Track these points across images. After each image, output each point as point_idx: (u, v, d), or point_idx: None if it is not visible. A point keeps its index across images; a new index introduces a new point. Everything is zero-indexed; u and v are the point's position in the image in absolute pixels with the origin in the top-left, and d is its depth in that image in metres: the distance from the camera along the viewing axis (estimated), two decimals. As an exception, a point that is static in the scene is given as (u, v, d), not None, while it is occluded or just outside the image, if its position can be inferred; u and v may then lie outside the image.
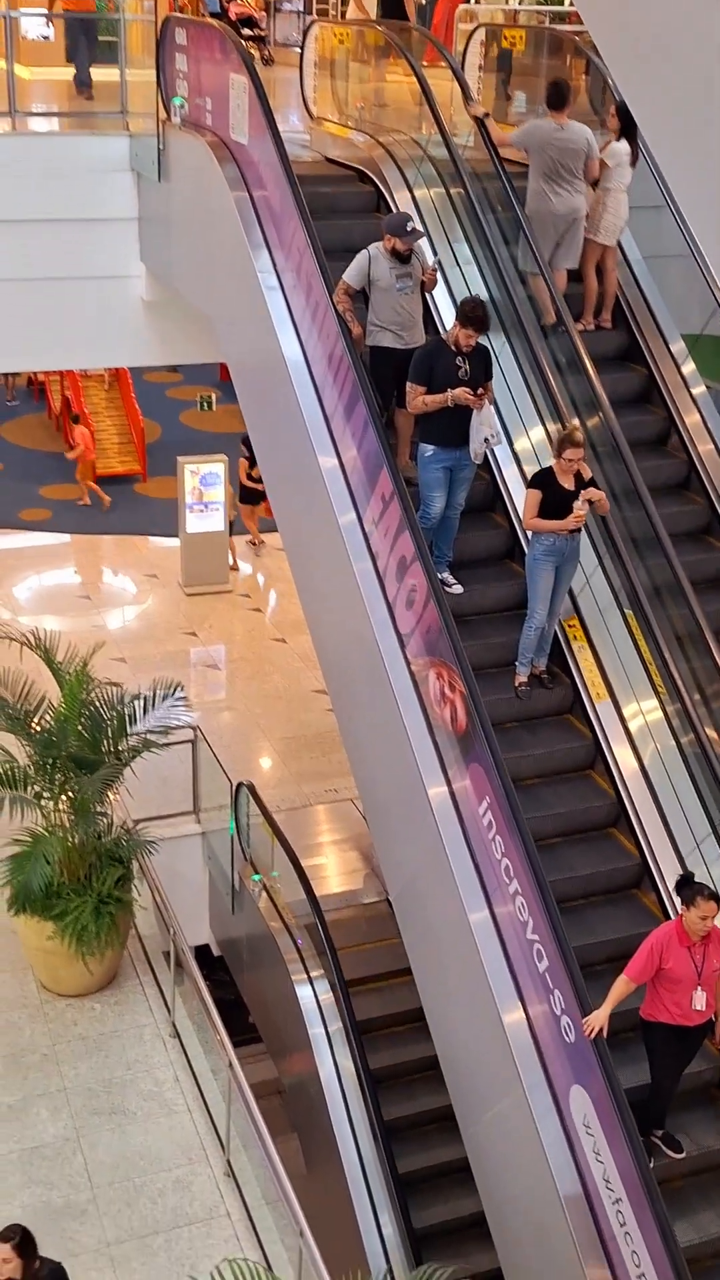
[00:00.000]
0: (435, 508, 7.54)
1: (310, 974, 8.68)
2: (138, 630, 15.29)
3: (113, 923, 9.12)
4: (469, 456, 7.48)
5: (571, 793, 7.47)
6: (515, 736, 7.50)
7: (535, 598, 7.37)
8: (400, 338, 7.64)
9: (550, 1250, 6.09)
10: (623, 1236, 5.66)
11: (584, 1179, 5.92)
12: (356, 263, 7.58)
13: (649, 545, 7.65)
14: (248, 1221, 7.73)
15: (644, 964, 5.96)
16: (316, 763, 12.49)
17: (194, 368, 22.64)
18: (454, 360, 7.38)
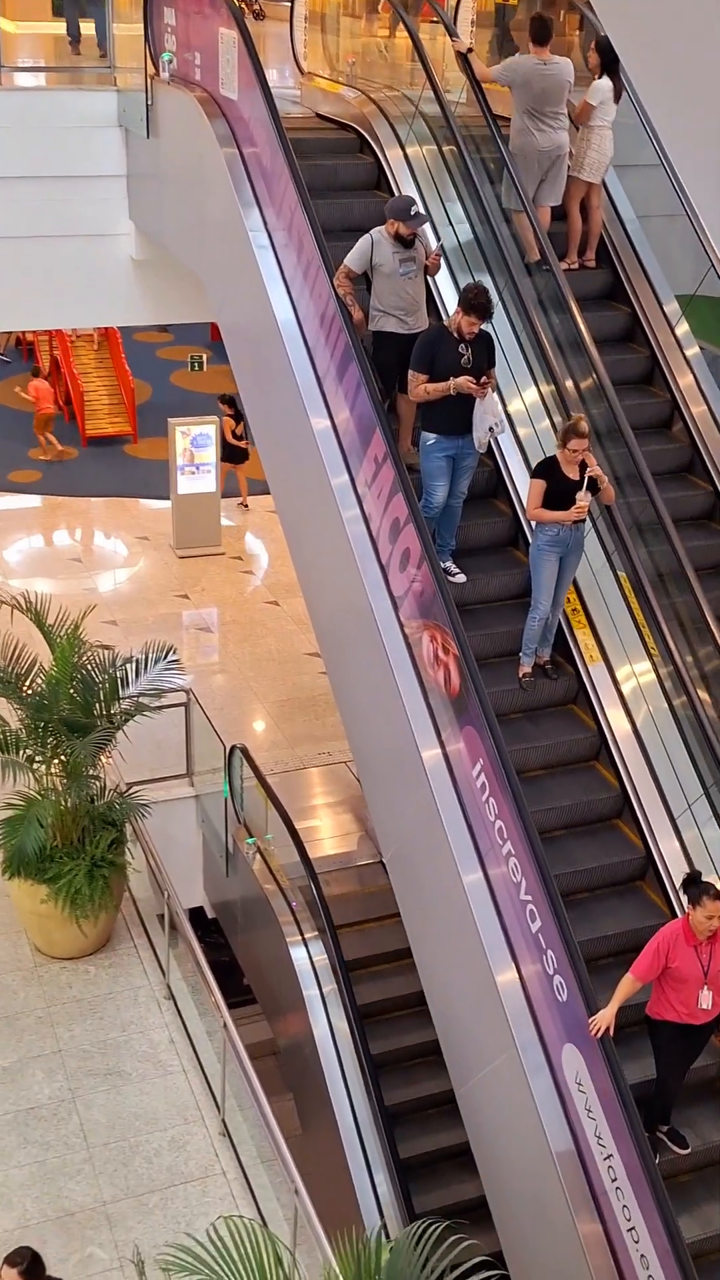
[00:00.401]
0: (438, 497, 7.41)
1: (304, 936, 8.72)
2: (129, 593, 15.24)
3: (106, 886, 9.14)
4: (472, 445, 7.34)
5: (576, 784, 7.38)
6: (519, 728, 7.40)
7: (539, 588, 7.26)
8: (404, 323, 7.49)
9: (543, 1205, 6.17)
10: (614, 1191, 5.73)
11: (576, 1135, 5.98)
12: (359, 247, 7.41)
13: (651, 529, 7.64)
14: (243, 1180, 7.80)
15: (650, 962, 5.91)
16: (310, 725, 12.50)
17: (185, 327, 22.47)
18: (456, 348, 7.22)
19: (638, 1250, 5.59)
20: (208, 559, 15.95)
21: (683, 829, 7.18)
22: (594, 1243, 5.80)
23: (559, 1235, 6.00)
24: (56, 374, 20.87)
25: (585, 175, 8.76)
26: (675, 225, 8.79)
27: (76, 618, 9.46)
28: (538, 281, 8.48)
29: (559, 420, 7.97)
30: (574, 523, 7.12)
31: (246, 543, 16.65)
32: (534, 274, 8.54)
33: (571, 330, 8.13)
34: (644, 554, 7.53)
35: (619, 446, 7.73)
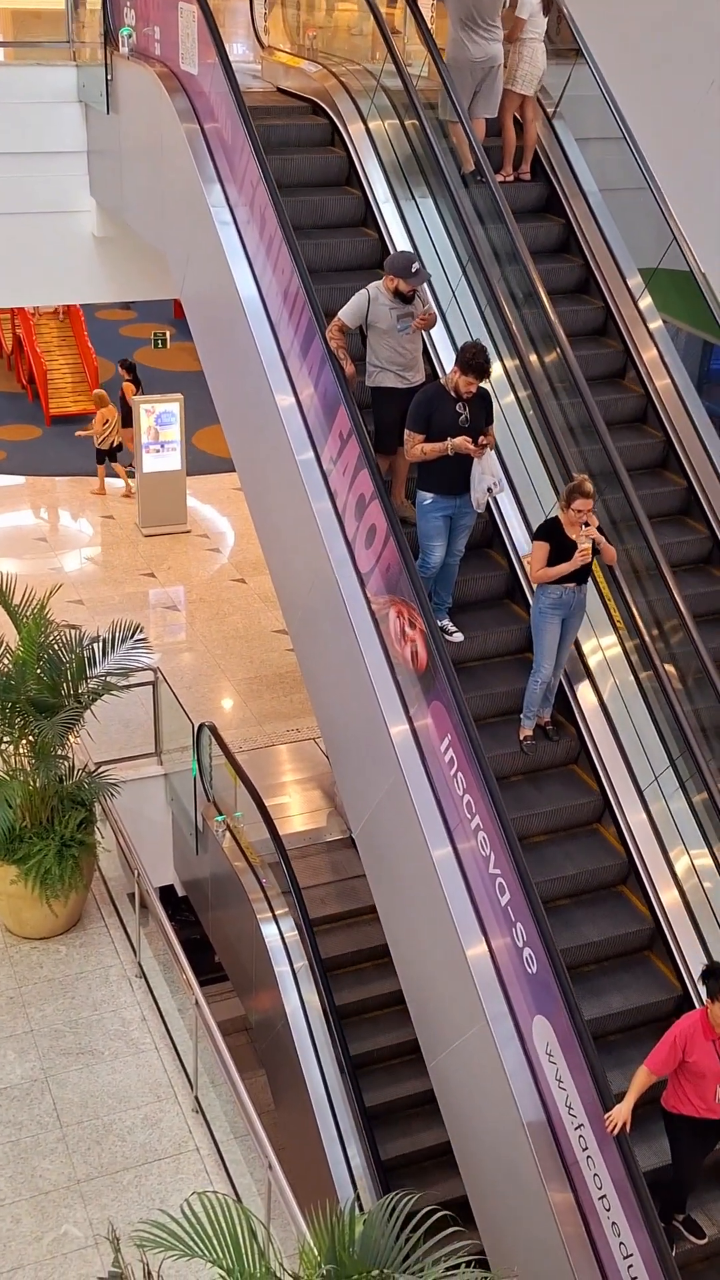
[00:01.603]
0: (435, 557, 7.25)
1: (275, 912, 8.75)
2: (95, 572, 15.17)
3: (76, 865, 9.13)
4: (470, 504, 7.19)
5: (580, 850, 7.23)
6: (521, 792, 7.27)
7: (541, 652, 7.11)
8: (402, 378, 7.37)
9: (515, 1175, 6.23)
10: (585, 1160, 5.80)
11: (546, 1106, 6.04)
12: (354, 302, 7.27)
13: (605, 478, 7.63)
14: (217, 1156, 7.84)
15: (666, 1056, 5.73)
16: (278, 703, 12.50)
17: (148, 304, 22.31)
18: (453, 407, 7.05)
19: (609, 1218, 5.66)
20: (174, 537, 15.89)
21: (689, 894, 7.05)
22: (566, 1211, 5.87)
23: (531, 1204, 6.07)
24: (19, 352, 20.67)
25: (519, 88, 8.91)
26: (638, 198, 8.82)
27: (43, 597, 9.41)
28: (474, 193, 8.49)
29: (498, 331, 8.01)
30: (576, 584, 6.98)
31: (212, 521, 16.59)
32: (469, 185, 8.57)
33: (507, 241, 8.18)
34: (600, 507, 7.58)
35: (573, 397, 7.80)
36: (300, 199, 8.63)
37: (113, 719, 10.22)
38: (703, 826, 7.04)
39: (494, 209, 8.24)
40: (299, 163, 8.95)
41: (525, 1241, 6.29)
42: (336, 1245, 4.95)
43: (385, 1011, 8.64)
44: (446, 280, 8.48)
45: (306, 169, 9.00)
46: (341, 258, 8.72)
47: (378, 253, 8.70)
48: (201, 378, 9.01)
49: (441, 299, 8.50)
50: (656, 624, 7.37)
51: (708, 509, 8.36)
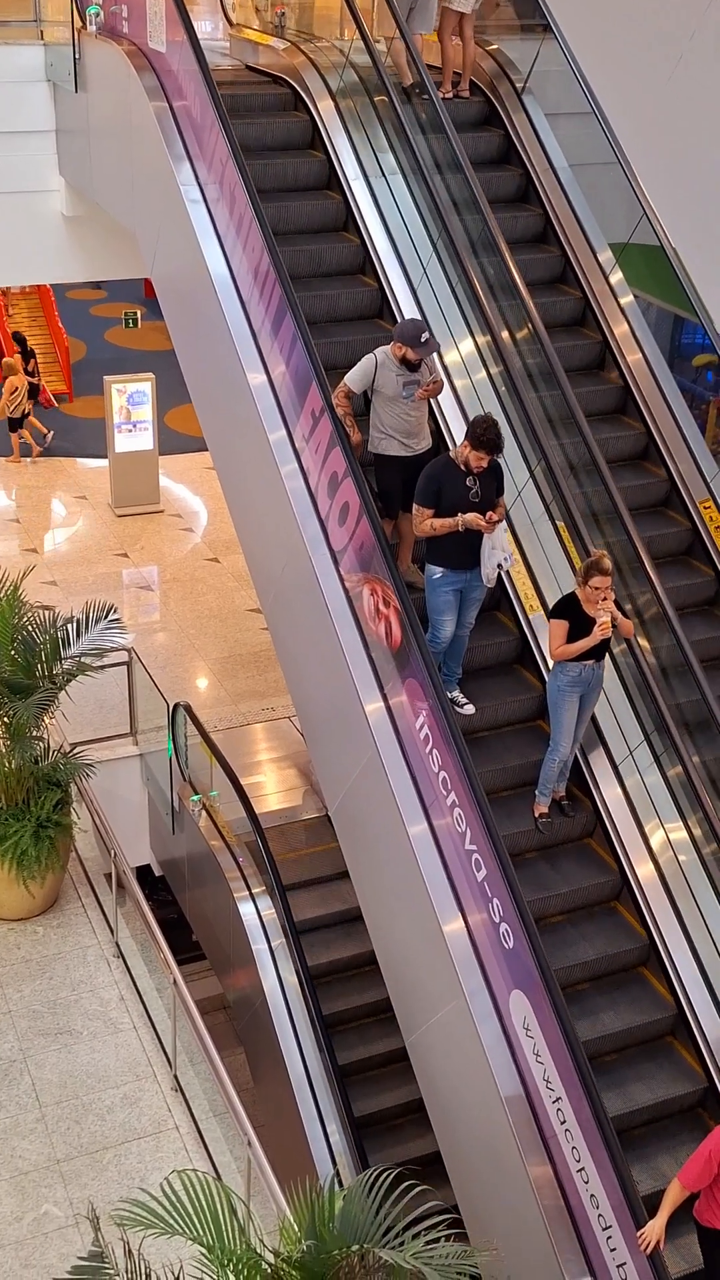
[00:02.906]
0: (445, 632, 7.07)
1: (252, 890, 8.77)
2: (68, 553, 15.09)
3: (52, 846, 9.12)
4: (480, 577, 7.03)
5: (599, 932, 7.01)
6: (537, 871, 7.06)
7: (559, 730, 6.89)
8: (406, 445, 7.24)
9: (493, 1149, 6.28)
10: (563, 1133, 5.84)
11: (525, 1080, 6.09)
12: (361, 367, 7.11)
13: (566, 424, 7.69)
14: (196, 1134, 7.87)
15: (700, 1171, 5.47)
16: (253, 682, 12.49)
17: (118, 284, 22.15)
18: (464, 481, 6.83)
19: (587, 1190, 5.72)
20: (147, 517, 15.82)
21: (713, 976, 6.85)
22: (544, 1184, 5.91)
23: (510, 1178, 6.12)
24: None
25: (456, 5, 9.01)
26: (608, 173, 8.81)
27: (16, 578, 9.36)
28: (416, 108, 8.56)
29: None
30: (595, 660, 6.81)
31: (185, 500, 16.52)
32: (411, 100, 8.66)
33: (451, 154, 8.22)
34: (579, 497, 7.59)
35: (552, 388, 7.76)
36: (278, 204, 8.58)
37: (87, 699, 10.19)
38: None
39: (436, 121, 8.29)
40: (279, 166, 8.90)
41: (505, 1214, 6.34)
42: (317, 1221, 4.99)
43: (363, 977, 8.68)
44: (417, 255, 8.46)
45: (286, 171, 8.95)
46: (304, 220, 8.74)
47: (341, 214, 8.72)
48: (173, 357, 8.96)
49: (413, 275, 8.49)
50: (663, 671, 7.21)
51: (665, 455, 8.39)
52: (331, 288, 8.56)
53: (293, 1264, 5.01)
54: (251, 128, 8.85)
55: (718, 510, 8.23)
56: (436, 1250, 4.73)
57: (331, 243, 8.73)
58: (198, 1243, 5.08)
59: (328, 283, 8.59)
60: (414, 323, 7.25)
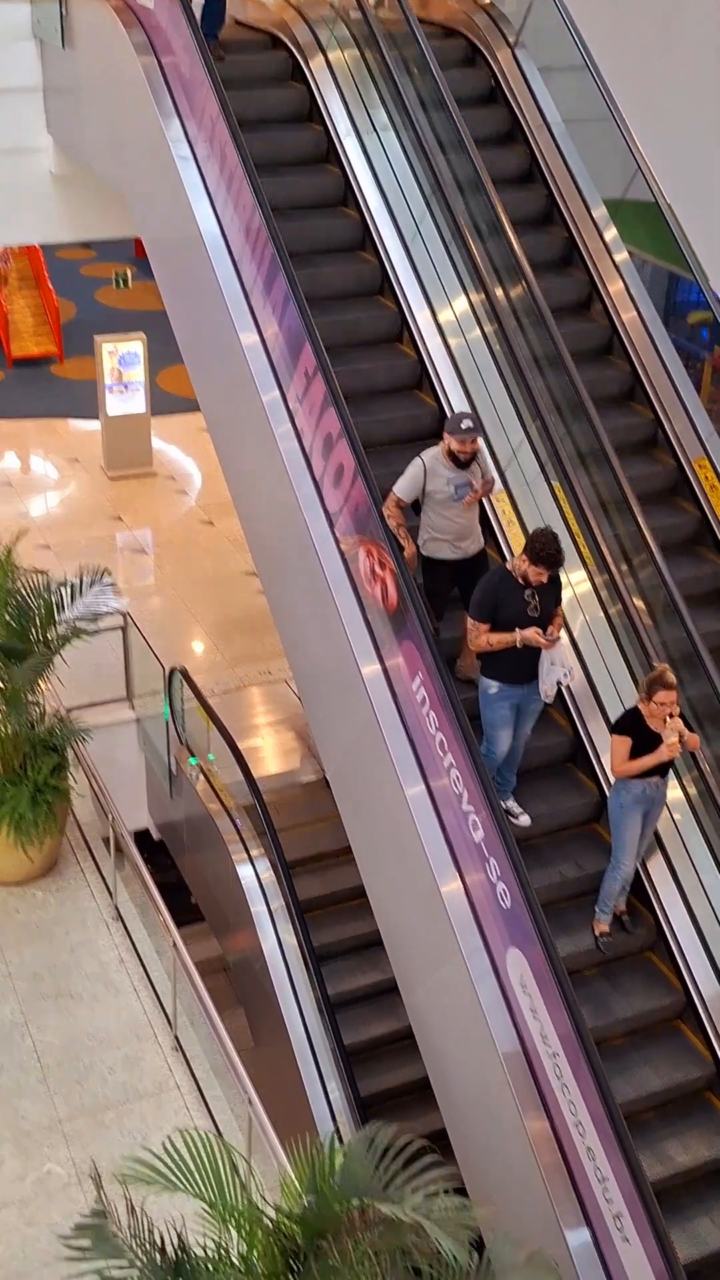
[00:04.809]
0: (501, 748, 6.88)
1: (250, 854, 8.80)
2: (61, 516, 15.03)
3: (50, 811, 9.14)
4: (538, 690, 6.79)
5: (663, 1056, 6.69)
6: (596, 990, 6.80)
7: (621, 848, 6.66)
8: (457, 548, 7.09)
9: (491, 1105, 6.34)
10: (560, 1088, 5.90)
11: (522, 1036, 6.13)
12: (410, 474, 6.93)
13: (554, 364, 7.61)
14: (197, 1094, 7.94)
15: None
16: (249, 645, 12.48)
17: (108, 244, 21.88)
18: (522, 594, 6.60)
19: (584, 1143, 5.77)
20: (140, 480, 15.74)
21: None
22: (542, 1139, 5.97)
23: (508, 1132, 6.18)
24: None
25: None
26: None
27: (9, 542, 9.32)
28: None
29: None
30: (660, 777, 6.56)
31: (179, 462, 16.44)
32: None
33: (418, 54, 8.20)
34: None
35: (538, 328, 7.73)
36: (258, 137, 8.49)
37: (82, 664, 10.17)
38: None
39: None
40: (259, 98, 8.79)
41: (503, 1169, 6.41)
42: (317, 1177, 5.03)
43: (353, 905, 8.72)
44: (410, 212, 8.39)
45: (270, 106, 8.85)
46: (301, 196, 8.63)
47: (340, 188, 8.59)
48: (164, 317, 8.88)
49: (405, 233, 8.41)
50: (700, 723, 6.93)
51: (671, 436, 8.32)
52: (314, 218, 8.60)
53: (294, 1219, 5.06)
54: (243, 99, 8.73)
55: (713, 470, 8.20)
56: (436, 1204, 4.77)
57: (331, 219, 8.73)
58: (200, 1199, 5.13)
59: (309, 214, 8.62)
60: (459, 414, 7.03)
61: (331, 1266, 4.76)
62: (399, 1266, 4.97)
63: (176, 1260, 4.96)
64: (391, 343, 8.51)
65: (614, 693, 7.29)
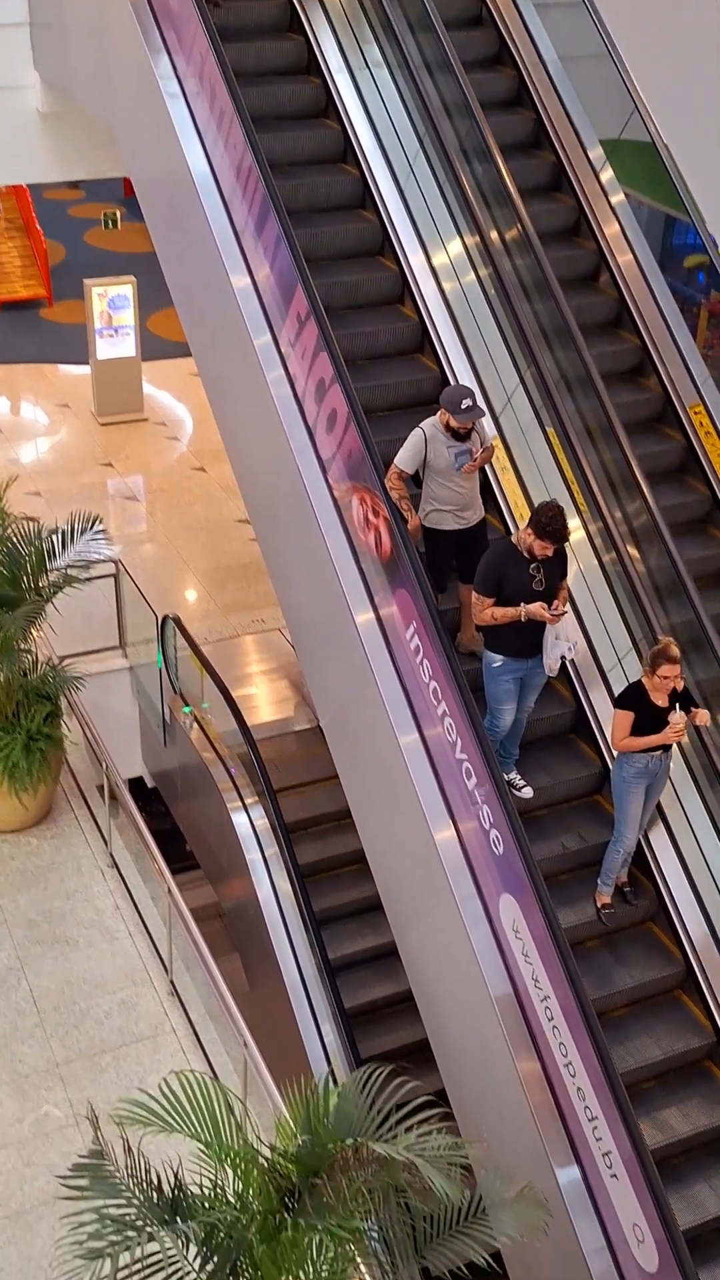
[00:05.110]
0: (504, 721, 6.83)
1: (245, 802, 8.83)
2: (52, 463, 14.92)
3: (44, 759, 9.15)
4: (542, 664, 6.75)
5: (663, 1025, 6.69)
6: (598, 961, 6.79)
7: (623, 821, 6.65)
8: (461, 518, 7.00)
9: (484, 1048, 6.41)
10: (550, 1030, 5.97)
11: (514, 980, 6.20)
12: (411, 445, 6.82)
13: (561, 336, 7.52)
14: (193, 1037, 8.02)
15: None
16: (242, 593, 12.45)
17: (97, 183, 21.58)
18: (527, 569, 6.52)
19: (574, 1084, 5.85)
20: (131, 425, 15.62)
21: None
22: (533, 1080, 6.06)
23: (500, 1075, 6.26)
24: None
25: None
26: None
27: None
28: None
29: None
30: (663, 751, 6.49)
31: (170, 408, 16.30)
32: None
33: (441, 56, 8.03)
34: (571, 408, 7.48)
35: (525, 256, 7.64)
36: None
37: (75, 613, 10.15)
38: None
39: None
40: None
41: (494, 1107, 6.50)
42: (312, 1117, 5.09)
43: (351, 871, 8.79)
44: (401, 149, 8.25)
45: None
46: (284, 106, 8.54)
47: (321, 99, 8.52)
48: (155, 259, 8.77)
49: (399, 173, 8.28)
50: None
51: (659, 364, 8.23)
52: (296, 128, 8.48)
53: (289, 1158, 5.13)
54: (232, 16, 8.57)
55: (708, 416, 8.15)
56: (428, 1142, 4.84)
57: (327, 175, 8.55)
58: (196, 1139, 5.20)
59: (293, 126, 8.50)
60: (458, 389, 6.94)
61: (325, 1203, 4.83)
62: (392, 1203, 5.04)
63: (173, 1199, 5.02)
64: (393, 304, 8.38)
65: (614, 658, 7.25)
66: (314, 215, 8.33)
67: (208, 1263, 4.90)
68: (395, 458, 6.90)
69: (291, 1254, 4.99)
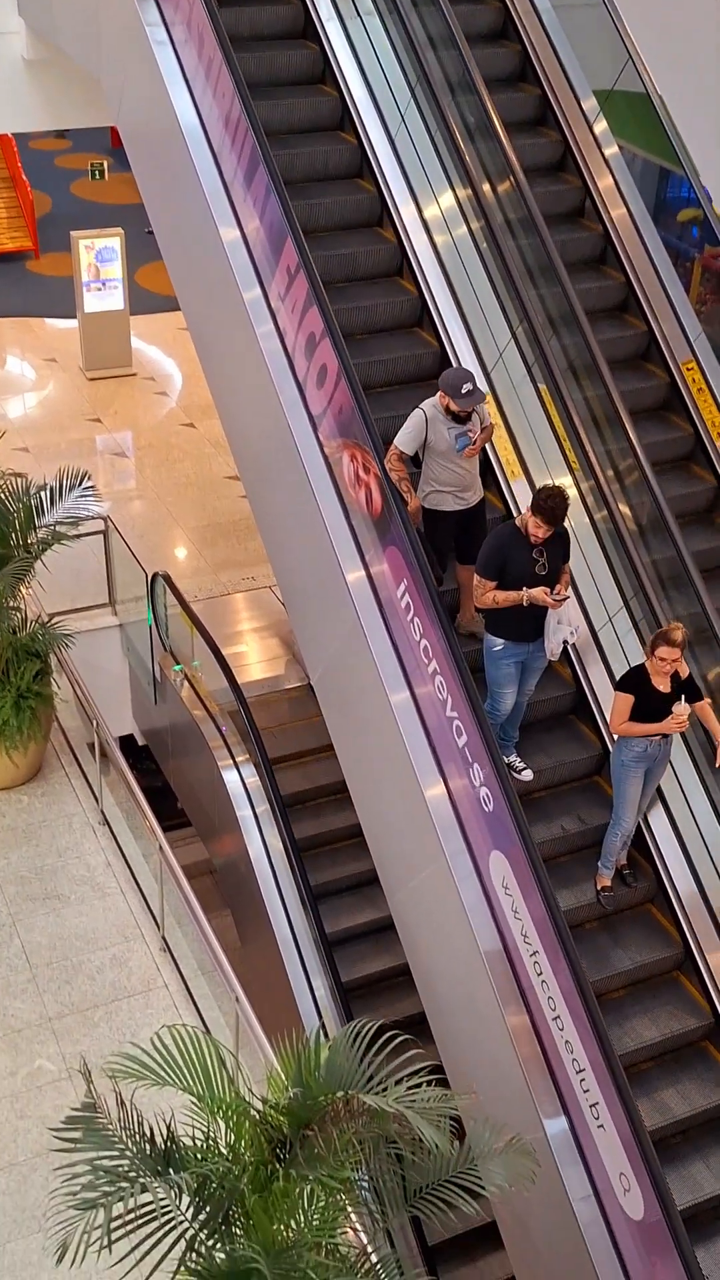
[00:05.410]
0: (505, 704, 6.77)
1: (236, 759, 8.84)
2: (39, 418, 14.81)
3: (34, 716, 9.15)
4: (543, 648, 6.70)
5: (661, 1006, 6.69)
6: (597, 943, 6.77)
7: (622, 805, 6.61)
8: (461, 499, 6.91)
9: (473, 1002, 6.47)
10: (539, 984, 6.02)
11: (503, 935, 6.25)
12: (412, 426, 6.71)
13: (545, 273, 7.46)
14: (185, 991, 8.07)
15: None
16: (232, 551, 12.41)
17: (84, 133, 21.33)
18: (530, 552, 6.45)
19: (562, 1037, 5.91)
20: (119, 380, 15.49)
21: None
22: (522, 1033, 6.12)
23: (489, 1027, 6.33)
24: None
25: None
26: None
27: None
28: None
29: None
30: (663, 736, 6.41)
31: (159, 362, 16.17)
32: None
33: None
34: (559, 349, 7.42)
35: (531, 235, 7.52)
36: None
37: (64, 570, 10.11)
38: None
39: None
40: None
41: (484, 1061, 6.57)
42: (303, 1070, 5.14)
43: (345, 844, 8.84)
44: (392, 96, 8.13)
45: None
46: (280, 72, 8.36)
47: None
48: (143, 211, 8.66)
49: (390, 124, 8.17)
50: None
51: (643, 300, 8.18)
52: (292, 96, 8.32)
53: (280, 1110, 5.18)
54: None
55: (700, 372, 8.10)
56: (418, 1095, 4.88)
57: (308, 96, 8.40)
58: (188, 1092, 5.24)
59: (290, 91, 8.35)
60: (458, 371, 6.83)
61: (316, 1154, 4.88)
62: (382, 1154, 5.10)
63: (166, 1150, 5.07)
64: (391, 277, 8.26)
65: (614, 639, 7.20)
66: (292, 137, 8.25)
67: (200, 1212, 4.95)
68: (395, 439, 6.79)
69: (283, 1203, 5.04)
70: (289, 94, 8.35)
